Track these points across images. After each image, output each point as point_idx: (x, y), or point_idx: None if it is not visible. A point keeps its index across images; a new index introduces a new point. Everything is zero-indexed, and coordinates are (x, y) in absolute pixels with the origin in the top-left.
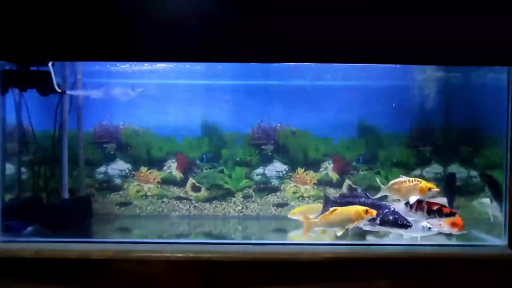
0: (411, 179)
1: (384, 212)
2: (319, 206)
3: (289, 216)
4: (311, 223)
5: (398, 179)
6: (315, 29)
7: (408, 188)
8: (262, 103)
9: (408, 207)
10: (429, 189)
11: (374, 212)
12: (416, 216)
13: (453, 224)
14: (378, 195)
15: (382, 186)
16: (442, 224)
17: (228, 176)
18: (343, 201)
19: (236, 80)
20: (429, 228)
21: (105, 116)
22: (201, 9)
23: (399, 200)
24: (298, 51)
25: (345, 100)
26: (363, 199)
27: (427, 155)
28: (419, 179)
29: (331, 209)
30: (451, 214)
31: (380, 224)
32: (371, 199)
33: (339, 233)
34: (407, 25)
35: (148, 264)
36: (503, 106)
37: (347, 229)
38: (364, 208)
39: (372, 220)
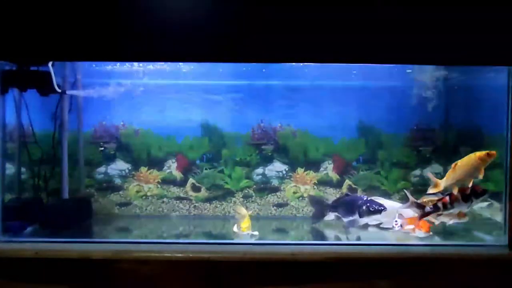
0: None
1: (359, 203)
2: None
3: (244, 232)
4: (438, 183)
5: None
6: (315, 29)
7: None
8: (262, 103)
9: (440, 203)
10: (488, 154)
11: (494, 152)
12: (454, 209)
13: (423, 226)
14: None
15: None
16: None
17: (228, 176)
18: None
19: (236, 80)
20: (398, 226)
21: (105, 116)
22: (200, 9)
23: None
24: (298, 51)
25: (345, 100)
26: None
27: (427, 155)
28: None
29: (452, 165)
30: (485, 192)
31: (360, 216)
32: (350, 194)
33: (469, 184)
34: (407, 25)
35: (148, 264)
36: (503, 106)
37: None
38: (484, 151)
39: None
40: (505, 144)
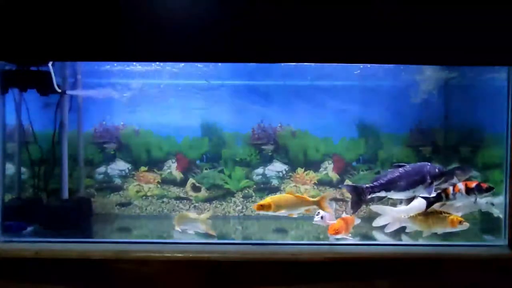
0: None
1: (428, 168)
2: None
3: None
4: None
5: None
6: (315, 29)
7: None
8: (262, 103)
9: (443, 194)
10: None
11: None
12: (456, 201)
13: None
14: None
15: None
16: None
17: (228, 176)
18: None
19: (236, 80)
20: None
21: (105, 116)
22: (200, 9)
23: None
24: (297, 51)
25: (345, 100)
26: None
27: (427, 155)
28: None
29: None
30: (490, 189)
31: (431, 184)
32: (404, 164)
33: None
34: (406, 24)
35: (148, 264)
36: (503, 105)
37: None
38: None
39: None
40: (505, 144)
